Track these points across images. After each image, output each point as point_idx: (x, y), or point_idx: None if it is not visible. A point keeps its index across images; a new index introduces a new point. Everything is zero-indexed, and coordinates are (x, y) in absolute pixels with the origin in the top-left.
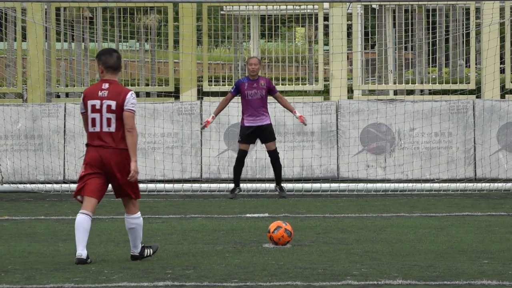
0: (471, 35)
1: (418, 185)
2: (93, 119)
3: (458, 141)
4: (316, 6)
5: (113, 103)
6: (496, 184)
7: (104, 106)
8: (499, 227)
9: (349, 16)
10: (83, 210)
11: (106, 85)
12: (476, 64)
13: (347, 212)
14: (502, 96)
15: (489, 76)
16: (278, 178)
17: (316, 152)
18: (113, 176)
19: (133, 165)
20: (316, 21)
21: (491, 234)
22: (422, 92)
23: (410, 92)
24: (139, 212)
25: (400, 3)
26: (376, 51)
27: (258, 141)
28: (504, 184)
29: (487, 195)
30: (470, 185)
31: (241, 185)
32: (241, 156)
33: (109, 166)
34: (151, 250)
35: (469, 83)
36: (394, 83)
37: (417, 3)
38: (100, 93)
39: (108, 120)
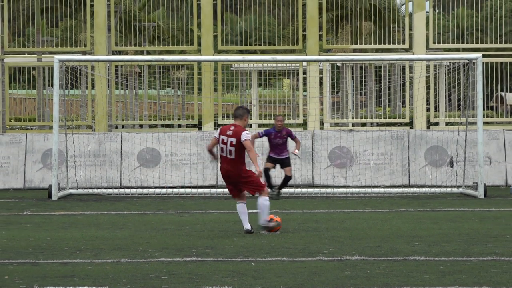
0: (406, 85)
1: (369, 190)
2: (222, 148)
3: (397, 159)
4: (297, 64)
5: (234, 140)
6: (423, 189)
7: (229, 141)
8: (426, 219)
9: (321, 71)
10: (239, 200)
11: (232, 128)
12: (409, 105)
13: (319, 209)
14: (428, 127)
15: (419, 113)
16: (281, 186)
17: (298, 166)
18: (234, 182)
19: (257, 170)
20: (297, 74)
21: (420, 224)
22: (372, 124)
23: (364, 124)
24: (265, 197)
25: (356, 62)
26: (340, 95)
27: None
28: (429, 189)
29: (418, 196)
30: (405, 190)
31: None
32: (266, 170)
33: (232, 177)
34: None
35: (404, 118)
36: (352, 118)
37: (368, 62)
38: (228, 132)
39: (230, 151)
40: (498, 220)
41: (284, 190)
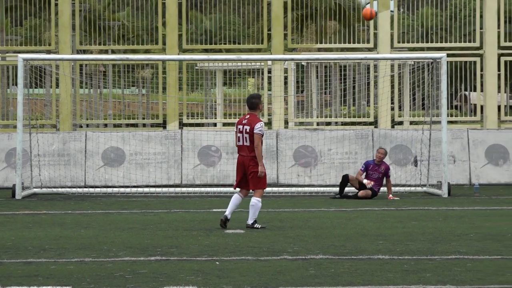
0: (371, 84)
1: (334, 189)
2: (239, 137)
3: (362, 158)
4: (262, 63)
5: (248, 128)
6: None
7: (244, 129)
8: (390, 218)
9: (286, 70)
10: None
11: (247, 116)
12: (374, 104)
13: (284, 208)
14: (392, 127)
15: (383, 112)
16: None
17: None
18: (245, 171)
19: (260, 168)
20: (262, 73)
21: (384, 223)
22: (336, 123)
23: (328, 124)
24: (259, 198)
25: (321, 61)
26: (304, 95)
27: (220, 157)
28: (394, 188)
29: (382, 195)
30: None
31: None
32: (346, 177)
33: (246, 167)
34: (259, 225)
35: (369, 117)
36: (317, 117)
37: (333, 61)
38: (243, 121)
39: (245, 138)
40: (462, 219)
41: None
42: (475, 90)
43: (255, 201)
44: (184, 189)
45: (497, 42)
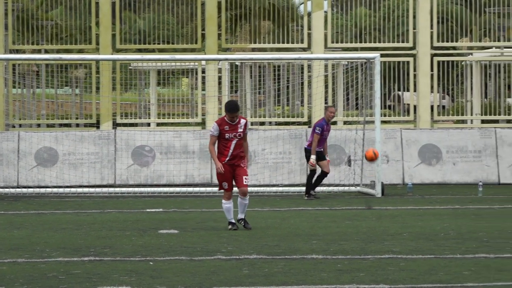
0: (305, 84)
1: (268, 189)
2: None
3: (296, 158)
4: (196, 63)
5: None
6: (321, 188)
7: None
8: (324, 217)
9: (220, 70)
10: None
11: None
12: (308, 104)
13: (218, 208)
14: None
15: (317, 112)
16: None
17: (196, 166)
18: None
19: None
20: (196, 73)
21: (318, 222)
22: (270, 123)
23: (262, 123)
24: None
25: (255, 61)
26: (238, 95)
27: (154, 157)
28: (327, 187)
29: (315, 195)
30: (304, 188)
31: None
32: (314, 172)
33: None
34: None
35: (303, 117)
36: (251, 117)
37: (267, 61)
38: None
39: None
40: (395, 219)
41: (183, 189)
42: (408, 90)
43: (241, 200)
44: (117, 189)
45: (430, 42)
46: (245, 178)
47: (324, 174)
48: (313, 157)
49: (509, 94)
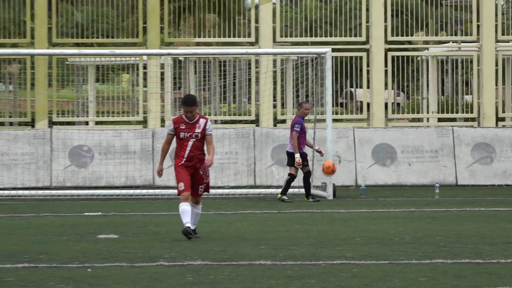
0: (252, 80)
1: (213, 191)
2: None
3: (243, 158)
4: (137, 58)
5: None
6: (270, 190)
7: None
8: (273, 221)
9: (162, 66)
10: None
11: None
12: (255, 101)
13: (160, 211)
14: (275, 125)
15: (265, 110)
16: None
17: (137, 166)
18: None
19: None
20: (137, 69)
21: (267, 226)
22: (216, 122)
23: None
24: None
25: (200, 56)
26: (182, 91)
27: (93, 157)
28: (276, 189)
29: (264, 197)
30: (251, 191)
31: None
32: (309, 175)
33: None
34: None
35: (250, 115)
36: None
37: (212, 56)
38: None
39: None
40: (347, 222)
41: (124, 191)
42: (361, 87)
43: (197, 210)
44: (54, 192)
45: (384, 37)
46: (201, 188)
47: (293, 177)
48: (297, 155)
49: (467, 91)
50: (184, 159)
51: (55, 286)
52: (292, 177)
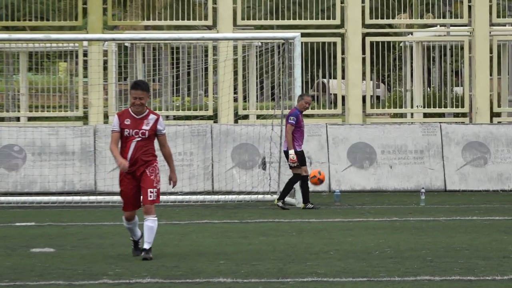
0: (209, 69)
1: (164, 197)
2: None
3: (199, 160)
4: (76, 44)
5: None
6: (230, 196)
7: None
8: (233, 232)
9: (105, 53)
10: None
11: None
12: (213, 94)
13: (104, 221)
14: (235, 121)
15: (225, 104)
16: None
17: (77, 169)
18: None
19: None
20: (77, 56)
21: (226, 238)
22: (167, 117)
23: None
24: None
25: (149, 42)
26: (128, 83)
27: (25, 159)
28: (237, 196)
29: (223, 205)
30: (208, 197)
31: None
32: (306, 178)
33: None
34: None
35: (207, 110)
36: None
37: (163, 41)
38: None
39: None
40: (319, 233)
41: (61, 198)
42: (335, 78)
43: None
44: None
45: (361, 19)
46: (150, 191)
47: (296, 179)
48: (291, 151)
49: (457, 82)
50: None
51: None
52: (303, 179)
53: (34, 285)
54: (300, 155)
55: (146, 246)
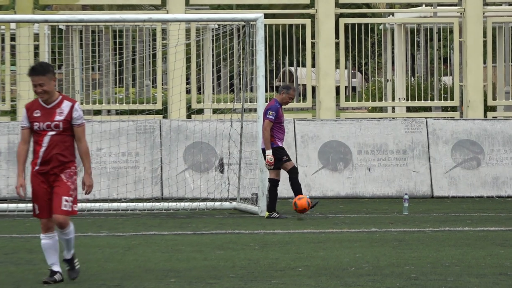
0: (158, 56)
1: (106, 205)
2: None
3: (146, 161)
4: (2, 27)
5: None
6: (182, 203)
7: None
8: (186, 245)
9: (36, 37)
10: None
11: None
12: (162, 84)
13: (35, 232)
14: (188, 116)
15: (176, 96)
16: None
17: (3, 172)
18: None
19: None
20: (3, 41)
21: (177, 253)
22: (109, 112)
23: (97, 112)
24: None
25: (87, 24)
26: (63, 71)
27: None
28: (191, 203)
29: (174, 214)
30: (157, 204)
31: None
32: (276, 183)
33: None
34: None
35: (156, 103)
36: (81, 103)
37: (103, 23)
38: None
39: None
40: (286, 247)
41: None
42: (304, 66)
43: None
44: None
45: None
46: (65, 200)
47: (275, 182)
48: (268, 152)
49: (445, 70)
50: (39, 162)
51: None
52: (272, 183)
53: None
54: (281, 151)
55: (69, 256)
